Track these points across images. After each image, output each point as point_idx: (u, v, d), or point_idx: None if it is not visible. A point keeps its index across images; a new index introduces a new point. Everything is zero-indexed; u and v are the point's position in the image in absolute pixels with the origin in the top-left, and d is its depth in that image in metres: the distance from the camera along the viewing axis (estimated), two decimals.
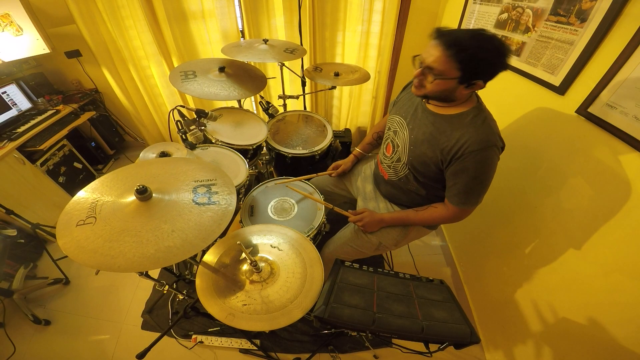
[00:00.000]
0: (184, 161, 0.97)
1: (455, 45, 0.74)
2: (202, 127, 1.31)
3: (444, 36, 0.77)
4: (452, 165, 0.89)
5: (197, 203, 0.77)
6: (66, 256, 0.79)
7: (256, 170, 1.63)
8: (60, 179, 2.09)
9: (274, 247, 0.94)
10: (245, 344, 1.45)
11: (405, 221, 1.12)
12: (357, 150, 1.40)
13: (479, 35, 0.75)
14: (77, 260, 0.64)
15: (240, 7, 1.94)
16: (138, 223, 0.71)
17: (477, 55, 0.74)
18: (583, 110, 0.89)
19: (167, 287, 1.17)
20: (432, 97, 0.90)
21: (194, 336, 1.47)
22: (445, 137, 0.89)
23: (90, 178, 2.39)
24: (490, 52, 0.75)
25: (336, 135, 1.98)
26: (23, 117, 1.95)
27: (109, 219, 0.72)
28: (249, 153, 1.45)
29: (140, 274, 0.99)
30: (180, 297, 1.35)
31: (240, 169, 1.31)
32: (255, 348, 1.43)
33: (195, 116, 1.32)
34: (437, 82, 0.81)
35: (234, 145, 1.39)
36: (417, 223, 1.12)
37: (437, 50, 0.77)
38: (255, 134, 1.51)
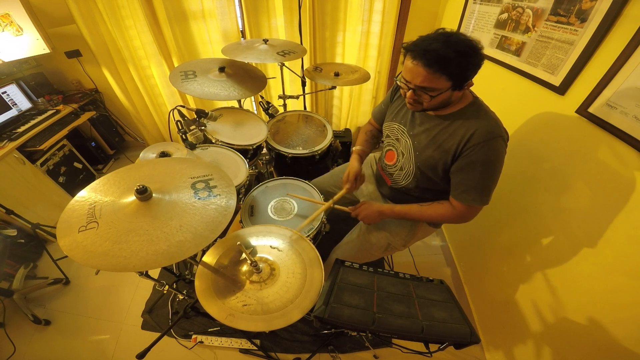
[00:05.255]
0: (176, 161, 0.98)
1: (436, 63, 0.74)
2: (202, 127, 1.31)
3: (419, 55, 0.76)
4: (458, 160, 0.87)
5: (199, 198, 0.79)
6: (66, 256, 0.79)
7: (256, 170, 1.63)
8: (60, 179, 2.09)
9: (274, 248, 0.93)
10: (245, 344, 1.45)
11: (407, 215, 1.05)
12: (359, 148, 1.23)
13: (449, 41, 0.74)
14: (89, 264, 0.64)
15: (240, 7, 1.94)
16: (143, 222, 0.71)
17: (461, 63, 0.74)
18: (583, 111, 0.89)
19: (167, 287, 1.17)
20: (430, 110, 0.91)
21: (194, 336, 1.47)
22: (448, 135, 0.89)
23: (90, 178, 2.39)
24: (469, 55, 0.75)
25: (336, 135, 1.98)
26: (23, 117, 1.95)
27: (112, 221, 0.72)
28: (249, 153, 1.44)
29: (140, 273, 0.99)
30: (180, 297, 1.35)
31: (240, 169, 1.31)
32: (255, 348, 1.43)
33: (195, 116, 1.32)
34: (434, 98, 0.82)
35: (234, 145, 1.39)
36: (419, 219, 1.05)
37: (419, 69, 0.77)
38: (255, 134, 1.51)
